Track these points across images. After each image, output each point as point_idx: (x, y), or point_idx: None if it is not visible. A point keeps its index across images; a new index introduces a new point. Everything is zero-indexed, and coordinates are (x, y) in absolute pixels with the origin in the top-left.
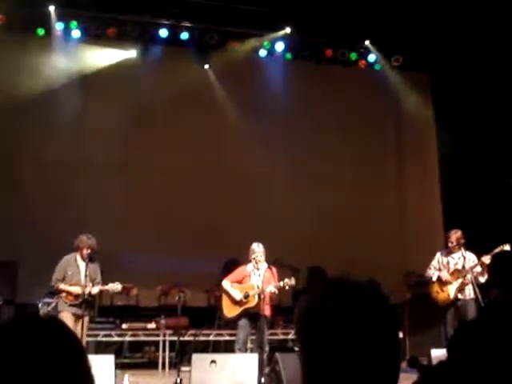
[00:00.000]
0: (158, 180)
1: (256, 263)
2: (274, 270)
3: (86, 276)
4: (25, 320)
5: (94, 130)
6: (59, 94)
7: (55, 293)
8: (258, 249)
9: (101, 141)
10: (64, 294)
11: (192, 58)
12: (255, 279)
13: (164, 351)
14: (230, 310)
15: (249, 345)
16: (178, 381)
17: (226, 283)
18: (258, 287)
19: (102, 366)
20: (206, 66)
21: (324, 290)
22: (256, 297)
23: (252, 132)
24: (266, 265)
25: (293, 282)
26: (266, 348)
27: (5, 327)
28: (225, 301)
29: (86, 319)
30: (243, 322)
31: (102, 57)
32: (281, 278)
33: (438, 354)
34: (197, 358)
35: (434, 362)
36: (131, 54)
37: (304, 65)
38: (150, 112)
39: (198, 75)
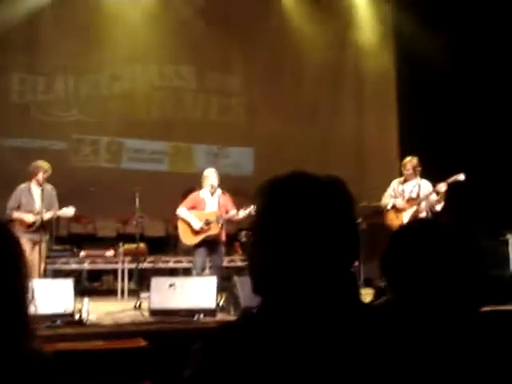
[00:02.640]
0: None
1: (212, 188)
2: (227, 195)
3: (42, 201)
4: None
5: None
6: None
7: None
8: (211, 174)
9: None
10: (18, 223)
11: None
12: (211, 205)
13: (123, 280)
14: (188, 238)
15: (206, 271)
16: (138, 304)
17: (182, 210)
18: (218, 215)
19: (60, 290)
20: None
21: (287, 178)
22: (218, 224)
23: None
24: (219, 190)
25: None
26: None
27: None
28: (182, 228)
29: (44, 245)
30: (201, 249)
31: None
32: (238, 208)
33: None
34: (156, 282)
35: None
36: None
37: None
38: None
39: None
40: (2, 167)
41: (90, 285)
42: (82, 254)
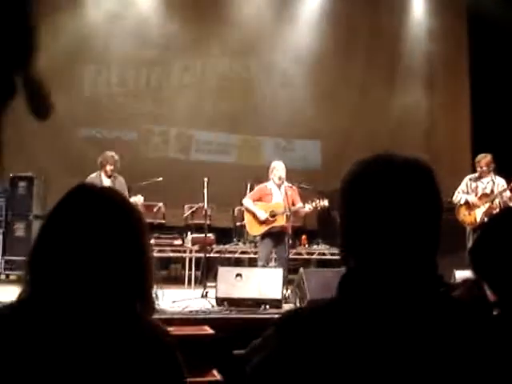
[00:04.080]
0: None
1: (278, 180)
2: (295, 188)
3: None
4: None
5: None
6: None
7: None
8: (279, 166)
9: None
10: None
11: None
12: (277, 197)
13: (190, 269)
14: (254, 229)
15: (271, 263)
16: (205, 293)
17: (247, 201)
18: (285, 207)
19: None
20: None
21: (373, 160)
22: (284, 216)
23: None
24: (286, 183)
25: (325, 202)
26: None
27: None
28: (248, 219)
29: None
30: (266, 240)
31: None
32: (305, 201)
33: (462, 274)
34: (223, 271)
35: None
36: None
37: None
38: None
39: None
40: (76, 156)
41: (158, 272)
42: (151, 242)
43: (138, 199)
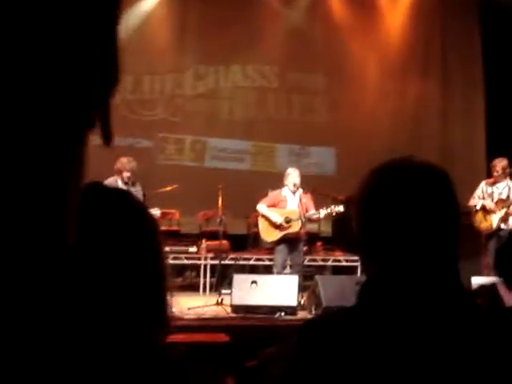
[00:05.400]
0: None
1: (293, 186)
2: (309, 194)
3: None
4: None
5: None
6: None
7: None
8: (293, 172)
9: None
10: None
11: None
12: (292, 203)
13: (205, 276)
14: (268, 235)
15: (287, 269)
16: (220, 300)
17: (262, 207)
18: (299, 213)
19: None
20: None
21: (388, 167)
22: (299, 222)
23: None
24: (301, 189)
25: (341, 208)
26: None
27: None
28: (262, 225)
29: None
30: (281, 246)
31: None
32: (319, 208)
33: (478, 281)
34: (238, 279)
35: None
36: None
37: None
38: None
39: None
40: (91, 164)
41: (172, 280)
42: (166, 249)
43: (154, 213)
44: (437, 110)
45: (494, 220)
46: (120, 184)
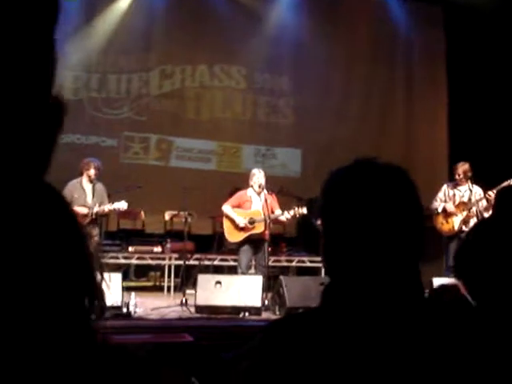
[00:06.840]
0: None
1: (258, 187)
2: (274, 196)
3: (93, 197)
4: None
5: None
6: None
7: None
8: (259, 173)
9: None
10: None
11: None
12: (256, 204)
13: (169, 276)
14: (233, 235)
15: (251, 270)
16: (184, 301)
17: (227, 208)
18: (264, 214)
19: (109, 283)
20: None
21: (352, 167)
22: (263, 223)
23: None
24: (266, 190)
25: (304, 210)
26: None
27: None
28: (227, 225)
29: (95, 240)
30: (245, 247)
31: None
32: (284, 208)
33: (439, 282)
34: (202, 279)
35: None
36: None
37: None
38: None
39: None
40: (56, 162)
41: (137, 280)
42: (131, 249)
43: (121, 205)
44: (401, 114)
45: (456, 222)
46: (85, 183)
